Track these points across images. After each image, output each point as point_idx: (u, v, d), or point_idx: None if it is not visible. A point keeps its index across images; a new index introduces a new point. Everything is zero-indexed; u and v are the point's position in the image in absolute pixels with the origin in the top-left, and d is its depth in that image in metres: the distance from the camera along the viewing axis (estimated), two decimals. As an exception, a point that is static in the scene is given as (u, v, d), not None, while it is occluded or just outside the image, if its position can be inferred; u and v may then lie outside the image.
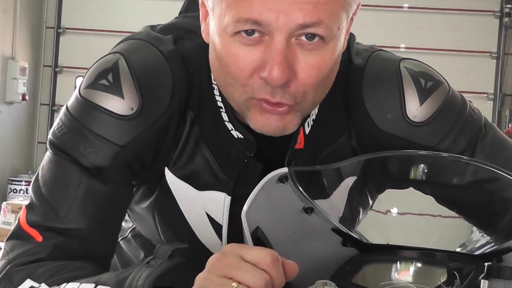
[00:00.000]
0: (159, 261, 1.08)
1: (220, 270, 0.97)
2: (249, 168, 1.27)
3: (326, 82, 1.18)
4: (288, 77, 1.11)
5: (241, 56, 1.12)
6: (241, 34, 1.11)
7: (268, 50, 1.11)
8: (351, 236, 1.23)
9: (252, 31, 1.11)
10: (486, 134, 1.30)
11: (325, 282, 1.07)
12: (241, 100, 1.17)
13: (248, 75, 1.13)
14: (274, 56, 1.10)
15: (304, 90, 1.14)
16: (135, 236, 1.53)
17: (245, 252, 0.99)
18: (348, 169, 1.29)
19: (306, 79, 1.13)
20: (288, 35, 1.10)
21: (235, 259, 0.98)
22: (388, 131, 1.27)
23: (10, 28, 8.33)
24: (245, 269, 0.97)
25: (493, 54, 8.12)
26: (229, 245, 1.02)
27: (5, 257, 1.20)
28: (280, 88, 1.12)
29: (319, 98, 1.19)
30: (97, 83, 1.21)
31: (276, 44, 1.10)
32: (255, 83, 1.13)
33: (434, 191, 1.34)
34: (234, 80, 1.15)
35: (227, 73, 1.15)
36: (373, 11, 7.62)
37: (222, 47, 1.14)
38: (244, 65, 1.13)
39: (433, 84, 1.28)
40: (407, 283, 1.16)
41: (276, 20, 1.08)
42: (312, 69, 1.13)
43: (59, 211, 1.20)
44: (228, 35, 1.12)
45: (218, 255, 1.00)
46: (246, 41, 1.11)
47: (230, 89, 1.17)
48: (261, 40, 1.11)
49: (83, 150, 1.20)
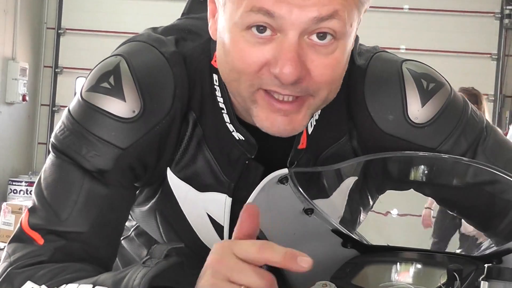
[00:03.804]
0: (155, 260, 1.08)
1: (223, 274, 0.96)
2: (250, 170, 1.27)
3: (339, 81, 1.17)
4: (301, 74, 1.10)
5: (250, 52, 1.11)
6: (252, 31, 1.10)
7: (280, 46, 1.10)
8: (351, 237, 1.24)
9: (263, 28, 1.10)
10: (488, 136, 1.30)
11: (325, 283, 1.07)
12: (246, 93, 1.15)
13: (256, 70, 1.12)
14: (286, 52, 1.09)
15: (318, 87, 1.13)
16: (138, 234, 1.53)
17: (237, 249, 0.97)
18: (348, 170, 1.29)
19: (320, 77, 1.12)
20: (301, 31, 1.09)
21: (233, 260, 0.97)
22: (389, 132, 1.27)
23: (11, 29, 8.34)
24: (247, 272, 0.96)
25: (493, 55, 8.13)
26: (219, 244, 1.00)
27: (7, 259, 1.20)
28: (291, 84, 1.11)
29: (331, 96, 1.18)
30: (99, 86, 1.21)
31: (289, 39, 1.09)
32: (264, 75, 1.12)
33: (434, 193, 1.34)
34: (239, 75, 1.14)
35: (233, 68, 1.14)
36: (373, 12, 7.61)
37: (231, 42, 1.13)
38: (253, 60, 1.11)
39: (435, 86, 1.28)
40: (407, 284, 1.16)
41: (289, 14, 1.08)
42: (326, 68, 1.12)
43: (60, 214, 1.20)
44: (239, 29, 1.11)
45: (215, 257, 0.98)
46: (257, 39, 1.10)
47: (235, 85, 1.16)
48: (272, 38, 1.10)
49: (85, 153, 1.20)
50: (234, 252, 0.97)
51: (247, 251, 0.96)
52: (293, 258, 0.94)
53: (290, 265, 0.95)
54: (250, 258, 0.96)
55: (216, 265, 0.98)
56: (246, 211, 1.00)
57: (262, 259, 0.95)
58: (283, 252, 0.95)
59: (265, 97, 1.14)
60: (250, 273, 0.95)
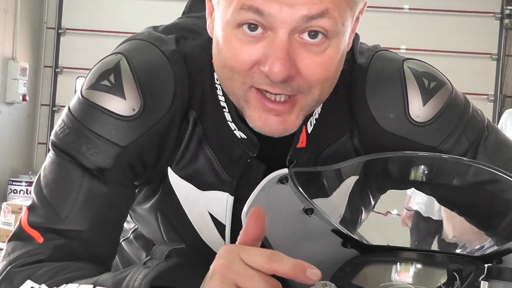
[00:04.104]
0: (156, 261, 1.07)
1: (231, 279, 0.95)
2: (252, 168, 1.27)
3: (332, 81, 1.17)
4: (290, 73, 1.10)
5: (241, 49, 1.12)
6: (244, 29, 1.11)
7: (270, 45, 1.10)
8: (351, 237, 1.24)
9: (255, 26, 1.10)
10: (489, 136, 1.30)
11: (325, 283, 1.07)
12: (240, 92, 1.16)
13: (248, 67, 1.12)
14: (276, 51, 1.09)
15: (309, 85, 1.13)
16: (137, 237, 1.53)
17: (246, 256, 0.97)
18: (348, 170, 1.29)
19: (311, 76, 1.12)
20: (291, 29, 1.09)
21: (242, 266, 0.95)
22: (390, 131, 1.27)
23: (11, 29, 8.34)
24: (255, 279, 0.94)
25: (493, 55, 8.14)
26: (226, 249, 0.99)
27: (6, 258, 1.20)
28: (281, 83, 1.11)
29: (324, 96, 1.18)
30: (99, 84, 1.21)
31: (279, 38, 1.09)
32: (255, 73, 1.12)
33: (435, 192, 1.34)
34: (232, 73, 1.14)
35: (225, 65, 1.15)
36: (373, 12, 7.63)
37: (223, 40, 1.14)
38: (244, 58, 1.12)
39: (437, 85, 1.28)
40: (407, 284, 1.16)
41: (279, 12, 1.08)
42: (318, 67, 1.12)
43: (60, 213, 1.20)
44: (231, 27, 1.12)
45: (223, 262, 0.96)
46: (248, 37, 1.11)
47: (229, 83, 1.17)
48: (263, 37, 1.10)
49: (85, 151, 1.20)
50: (242, 258, 0.96)
51: (256, 259, 0.95)
52: (302, 271, 0.94)
53: (299, 277, 0.94)
54: (258, 267, 0.95)
55: (224, 270, 0.96)
56: (253, 215, 0.99)
57: (271, 269, 0.95)
58: (293, 264, 0.94)
59: (257, 96, 1.15)
60: (259, 281, 0.94)
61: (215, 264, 0.97)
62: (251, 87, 1.14)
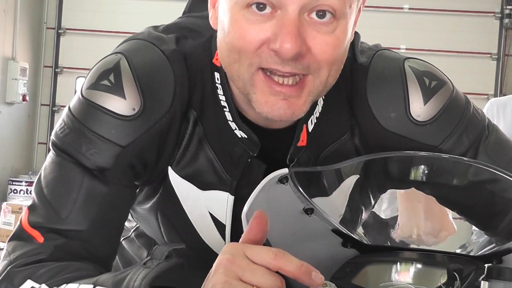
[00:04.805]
0: (156, 261, 1.08)
1: (235, 273, 0.96)
2: (252, 168, 1.27)
3: (339, 64, 1.17)
4: (301, 49, 1.10)
5: (250, 29, 1.12)
6: (252, 9, 1.11)
7: (280, 23, 1.10)
8: (351, 237, 1.23)
9: (263, 6, 1.10)
10: (489, 135, 1.30)
11: (325, 283, 1.07)
12: (246, 75, 1.15)
13: (256, 47, 1.12)
14: (287, 26, 1.09)
15: (318, 65, 1.13)
16: (138, 235, 1.53)
17: (250, 252, 0.98)
18: (349, 170, 1.29)
19: (321, 54, 1.12)
20: (301, 7, 1.09)
21: (246, 261, 0.97)
22: (391, 130, 1.27)
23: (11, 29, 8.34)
24: (259, 273, 0.95)
25: (493, 55, 8.13)
26: (231, 245, 1.00)
27: (7, 258, 1.20)
28: (292, 60, 1.11)
29: (331, 80, 1.18)
30: (99, 84, 1.21)
31: (289, 15, 1.09)
32: (263, 53, 1.12)
33: (435, 192, 1.34)
34: (240, 55, 1.14)
35: (232, 48, 1.14)
36: (373, 12, 7.62)
37: (231, 22, 1.14)
38: (253, 38, 1.12)
39: (437, 84, 1.28)
40: (407, 284, 1.16)
41: None
42: (328, 46, 1.12)
43: (60, 213, 1.20)
44: (240, 7, 1.12)
45: (227, 257, 0.98)
46: (257, 17, 1.11)
47: (236, 67, 1.16)
48: (272, 16, 1.11)
49: (85, 151, 1.20)
50: (246, 255, 0.97)
51: (262, 256, 0.97)
52: (307, 272, 0.96)
53: (303, 278, 0.96)
54: (264, 263, 0.96)
55: (228, 264, 0.97)
56: (256, 218, 1.00)
57: (277, 266, 0.96)
58: (299, 264, 0.96)
59: (264, 79, 1.14)
60: (263, 274, 0.95)
61: (220, 259, 0.98)
62: (258, 69, 1.14)
